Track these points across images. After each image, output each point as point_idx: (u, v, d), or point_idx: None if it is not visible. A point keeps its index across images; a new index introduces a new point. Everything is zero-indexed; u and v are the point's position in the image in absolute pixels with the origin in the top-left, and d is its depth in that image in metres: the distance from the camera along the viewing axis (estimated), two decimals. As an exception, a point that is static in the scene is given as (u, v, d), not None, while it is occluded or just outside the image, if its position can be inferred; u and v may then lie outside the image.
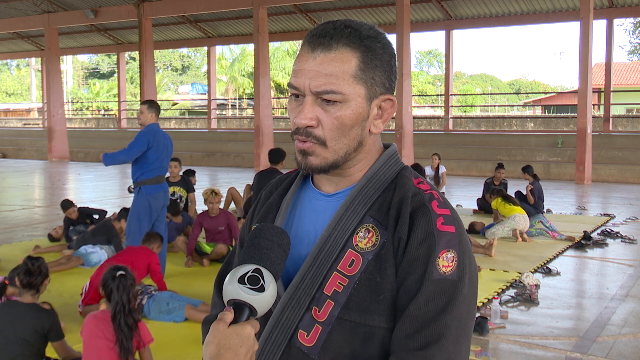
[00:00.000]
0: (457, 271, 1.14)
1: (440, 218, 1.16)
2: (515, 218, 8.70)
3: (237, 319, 1.07)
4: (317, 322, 1.18)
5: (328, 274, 1.19)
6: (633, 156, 17.44)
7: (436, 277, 1.13)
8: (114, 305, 3.55)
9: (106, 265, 5.07)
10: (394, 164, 1.27)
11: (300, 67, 1.20)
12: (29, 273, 3.83)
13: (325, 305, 1.18)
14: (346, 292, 1.17)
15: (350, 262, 1.18)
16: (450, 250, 1.14)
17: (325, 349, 1.18)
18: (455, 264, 1.14)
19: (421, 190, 1.21)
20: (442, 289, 1.12)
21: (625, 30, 43.25)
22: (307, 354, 1.19)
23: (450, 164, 17.43)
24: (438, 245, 1.14)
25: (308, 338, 1.19)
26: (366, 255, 1.18)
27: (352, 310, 1.16)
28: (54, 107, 24.24)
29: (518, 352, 4.62)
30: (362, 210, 1.21)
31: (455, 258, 1.14)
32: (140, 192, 6.28)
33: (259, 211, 1.37)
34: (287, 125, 26.88)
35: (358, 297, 1.16)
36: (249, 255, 1.13)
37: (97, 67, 56.14)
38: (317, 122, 1.19)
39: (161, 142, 6.31)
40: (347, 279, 1.17)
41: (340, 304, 1.17)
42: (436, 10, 21.33)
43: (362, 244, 1.19)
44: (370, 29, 1.21)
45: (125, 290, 3.60)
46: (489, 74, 68.36)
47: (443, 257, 1.14)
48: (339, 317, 1.17)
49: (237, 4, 20.60)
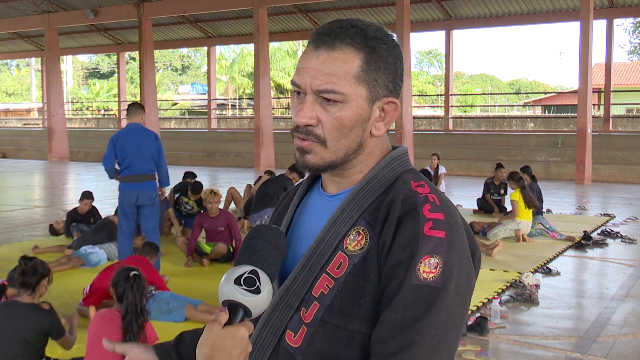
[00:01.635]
0: (440, 278, 1.08)
1: (429, 222, 1.12)
2: (520, 224, 8.70)
3: (231, 320, 1.06)
4: (303, 323, 1.17)
5: (318, 276, 1.18)
6: (633, 156, 17.44)
7: (415, 282, 1.08)
8: (126, 305, 3.55)
9: (107, 271, 5.07)
10: (397, 166, 1.24)
11: (304, 65, 1.19)
12: (23, 273, 3.84)
13: (312, 307, 1.17)
14: (331, 295, 1.16)
15: (339, 265, 1.17)
16: (434, 255, 1.09)
17: (308, 350, 1.16)
18: (439, 271, 1.09)
19: (416, 194, 1.16)
20: (421, 296, 1.08)
21: (625, 30, 43.24)
22: (292, 354, 1.17)
23: (450, 164, 17.42)
24: (421, 250, 1.09)
25: (295, 339, 1.18)
26: (353, 258, 1.16)
27: (335, 313, 1.15)
28: (54, 107, 24.24)
29: (518, 352, 4.62)
30: (356, 212, 1.19)
31: (439, 264, 1.09)
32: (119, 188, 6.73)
33: (275, 212, 1.40)
34: (287, 125, 26.88)
35: (341, 300, 1.14)
36: (245, 256, 1.12)
37: (97, 67, 56.14)
38: (316, 121, 1.18)
39: (128, 142, 6.49)
40: (334, 281, 1.16)
41: (325, 306, 1.16)
42: (436, 10, 21.33)
43: (351, 247, 1.17)
44: (376, 30, 1.19)
45: (139, 290, 3.61)
46: (489, 74, 68.42)
47: (425, 262, 1.09)
48: (322, 320, 1.16)
49: (237, 4, 20.61)
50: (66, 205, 12.26)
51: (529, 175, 10.24)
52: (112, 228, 7.48)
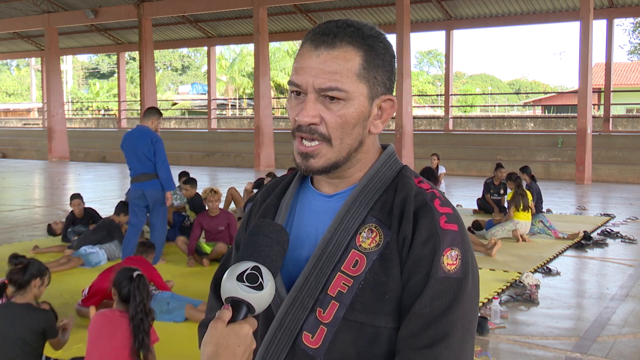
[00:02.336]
0: (461, 269, 1.14)
1: (443, 217, 1.16)
2: (518, 224, 8.67)
3: (234, 317, 1.06)
4: (321, 324, 1.17)
5: (332, 275, 1.18)
6: (633, 156, 17.45)
7: (441, 275, 1.13)
8: (135, 305, 3.54)
9: (107, 273, 5.06)
10: (392, 163, 1.26)
11: (303, 64, 1.19)
12: (11, 272, 3.86)
13: (330, 307, 1.17)
14: (351, 293, 1.16)
15: (355, 263, 1.18)
16: (454, 248, 1.15)
17: (331, 350, 1.17)
18: (459, 262, 1.14)
19: (423, 190, 1.21)
20: (447, 287, 1.13)
21: (625, 30, 43.20)
22: (312, 355, 1.18)
23: (450, 164, 17.42)
24: (442, 244, 1.14)
25: (313, 340, 1.18)
26: (370, 255, 1.17)
27: (358, 310, 1.16)
28: (54, 107, 24.25)
29: (518, 352, 4.62)
30: (363, 210, 1.21)
31: (459, 256, 1.15)
32: None
33: (256, 213, 1.36)
34: (287, 125, 26.88)
35: (363, 298, 1.16)
36: (247, 252, 1.11)
37: (97, 67, 56.14)
38: (320, 119, 1.18)
39: (125, 145, 6.84)
40: (352, 279, 1.17)
41: (346, 305, 1.16)
42: (436, 10, 21.33)
43: (365, 244, 1.18)
44: (371, 29, 1.21)
45: (145, 289, 3.61)
46: (489, 74, 68.42)
47: (447, 255, 1.14)
48: (344, 318, 1.16)
49: (237, 4, 20.61)
50: (66, 205, 12.24)
51: (529, 175, 10.23)
52: (111, 227, 7.55)
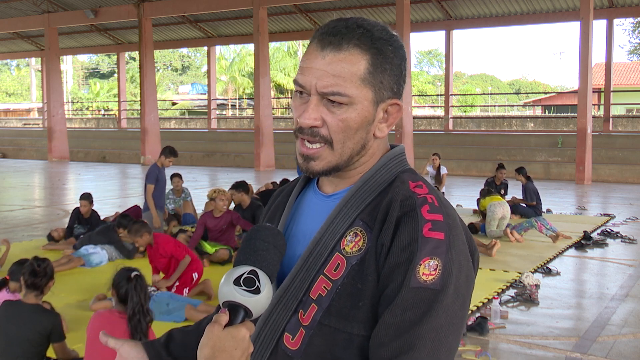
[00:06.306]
0: (439, 280, 1.07)
1: (428, 224, 1.10)
2: (490, 207, 8.68)
3: (232, 321, 1.05)
4: (301, 326, 1.16)
5: (315, 277, 1.16)
6: (633, 156, 17.45)
7: (414, 285, 1.07)
8: (132, 306, 3.53)
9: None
10: (394, 166, 1.22)
11: (308, 64, 1.16)
12: (34, 274, 3.80)
13: (309, 309, 1.15)
14: (329, 297, 1.14)
15: (336, 266, 1.15)
16: (434, 258, 1.08)
17: (307, 353, 1.15)
18: (439, 273, 1.07)
19: (414, 195, 1.14)
20: (421, 298, 1.06)
21: (625, 30, 43.18)
22: (291, 357, 1.16)
23: (450, 164, 17.42)
24: (420, 252, 1.08)
25: (293, 341, 1.16)
26: (351, 259, 1.14)
27: (333, 315, 1.13)
28: (54, 107, 24.25)
29: (518, 352, 4.62)
30: (353, 213, 1.17)
31: (439, 266, 1.07)
32: None
33: (267, 212, 1.36)
34: (287, 125, 26.88)
35: (339, 303, 1.13)
36: (244, 256, 1.11)
37: (97, 67, 56.13)
38: (321, 122, 1.16)
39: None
40: (331, 283, 1.14)
41: (323, 309, 1.14)
42: (436, 10, 21.34)
43: (348, 248, 1.15)
44: (382, 31, 1.18)
45: (142, 290, 3.60)
46: (489, 74, 68.37)
47: (425, 264, 1.07)
48: (320, 322, 1.14)
49: (237, 4, 20.61)
50: (66, 205, 12.26)
51: (524, 175, 10.24)
52: (112, 239, 7.50)
